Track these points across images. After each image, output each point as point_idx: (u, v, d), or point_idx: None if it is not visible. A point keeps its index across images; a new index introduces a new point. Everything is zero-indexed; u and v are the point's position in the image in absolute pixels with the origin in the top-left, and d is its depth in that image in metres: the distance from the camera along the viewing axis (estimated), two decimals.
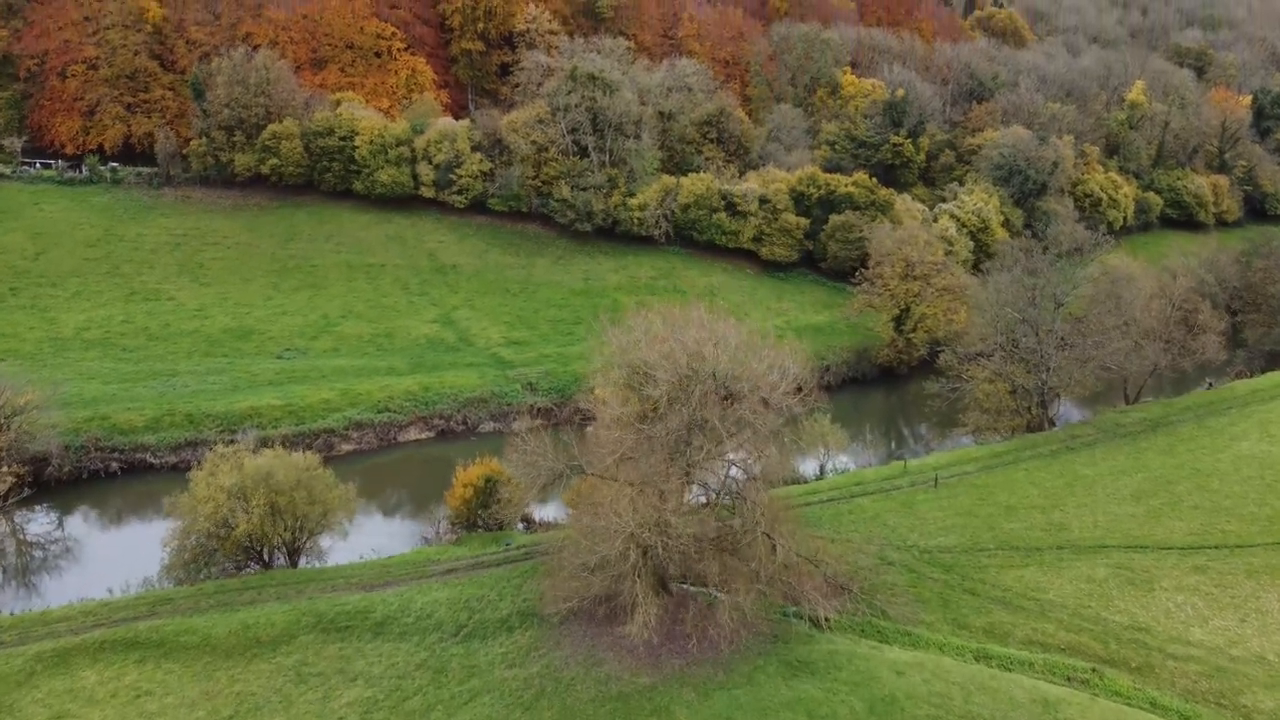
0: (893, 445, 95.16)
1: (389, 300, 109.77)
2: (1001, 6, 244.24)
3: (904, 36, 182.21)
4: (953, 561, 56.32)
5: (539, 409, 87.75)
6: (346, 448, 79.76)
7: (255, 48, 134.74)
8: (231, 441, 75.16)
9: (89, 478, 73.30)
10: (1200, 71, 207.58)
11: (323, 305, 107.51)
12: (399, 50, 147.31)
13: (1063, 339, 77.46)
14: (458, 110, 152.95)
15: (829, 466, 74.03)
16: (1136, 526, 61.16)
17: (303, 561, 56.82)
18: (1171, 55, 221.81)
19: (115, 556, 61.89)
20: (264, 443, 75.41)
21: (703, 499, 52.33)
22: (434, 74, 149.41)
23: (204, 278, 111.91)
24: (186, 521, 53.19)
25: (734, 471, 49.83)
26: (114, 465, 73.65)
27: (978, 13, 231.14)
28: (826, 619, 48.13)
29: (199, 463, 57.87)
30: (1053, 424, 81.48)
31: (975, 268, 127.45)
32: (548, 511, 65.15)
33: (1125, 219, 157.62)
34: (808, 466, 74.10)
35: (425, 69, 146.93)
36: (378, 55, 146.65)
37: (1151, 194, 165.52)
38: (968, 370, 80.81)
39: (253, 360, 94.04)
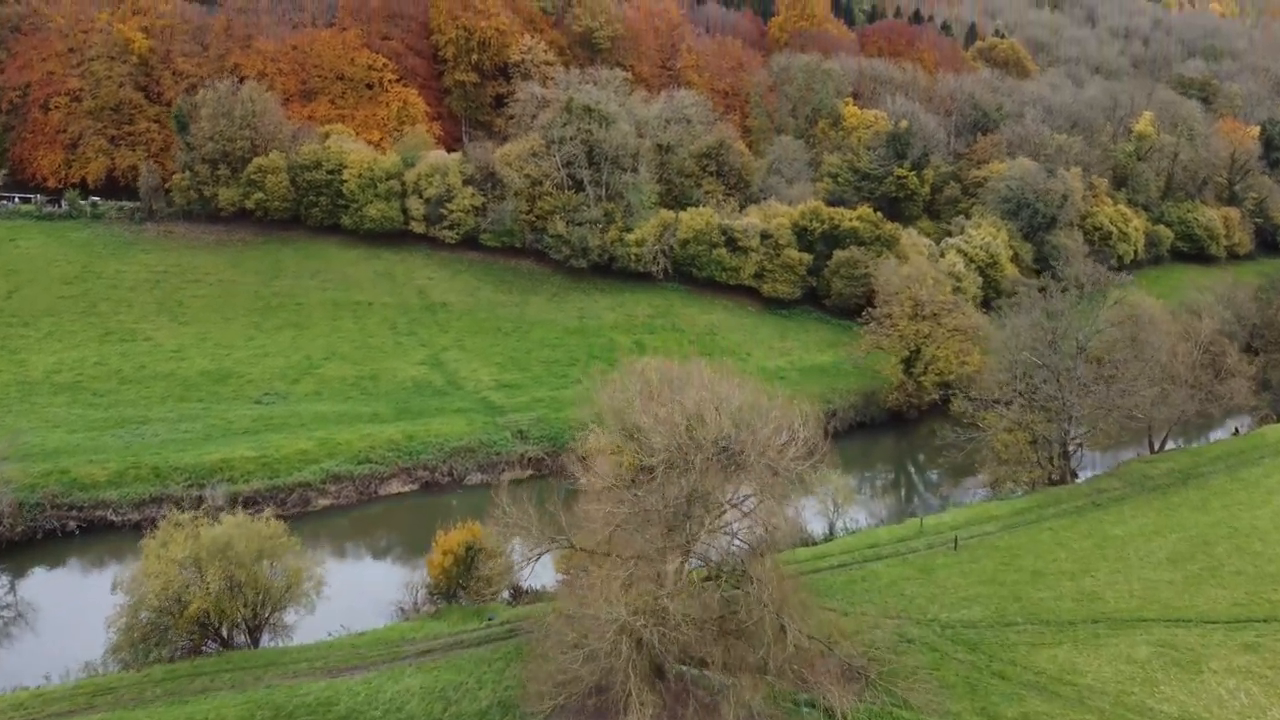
0: (904, 494, 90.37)
1: (375, 340, 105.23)
2: (1003, 37, 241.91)
3: (906, 67, 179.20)
4: (978, 638, 51.30)
5: (529, 459, 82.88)
6: (323, 503, 74.80)
7: (243, 79, 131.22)
8: (199, 498, 70.84)
9: (44, 537, 68.28)
10: (1206, 102, 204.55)
11: (306, 346, 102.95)
12: (390, 82, 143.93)
13: (1086, 386, 72.81)
14: (451, 143, 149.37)
15: (839, 525, 69.15)
16: (1176, 596, 56.22)
17: (265, 639, 51.77)
18: (1175, 86, 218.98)
19: (70, 625, 56.87)
20: (233, 499, 70.95)
21: (702, 567, 47.53)
22: (426, 106, 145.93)
23: (183, 317, 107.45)
24: (135, 598, 48.27)
25: (738, 544, 45.02)
26: (72, 524, 68.67)
27: (979, 43, 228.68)
28: (843, 713, 43.11)
29: (153, 526, 52.91)
30: (1075, 476, 76.68)
31: (985, 304, 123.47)
32: (537, 577, 60.06)
33: (1136, 252, 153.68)
34: (816, 524, 69.20)
35: (417, 101, 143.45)
36: (369, 87, 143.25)
37: (1162, 227, 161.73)
38: (984, 418, 76.04)
39: (230, 406, 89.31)
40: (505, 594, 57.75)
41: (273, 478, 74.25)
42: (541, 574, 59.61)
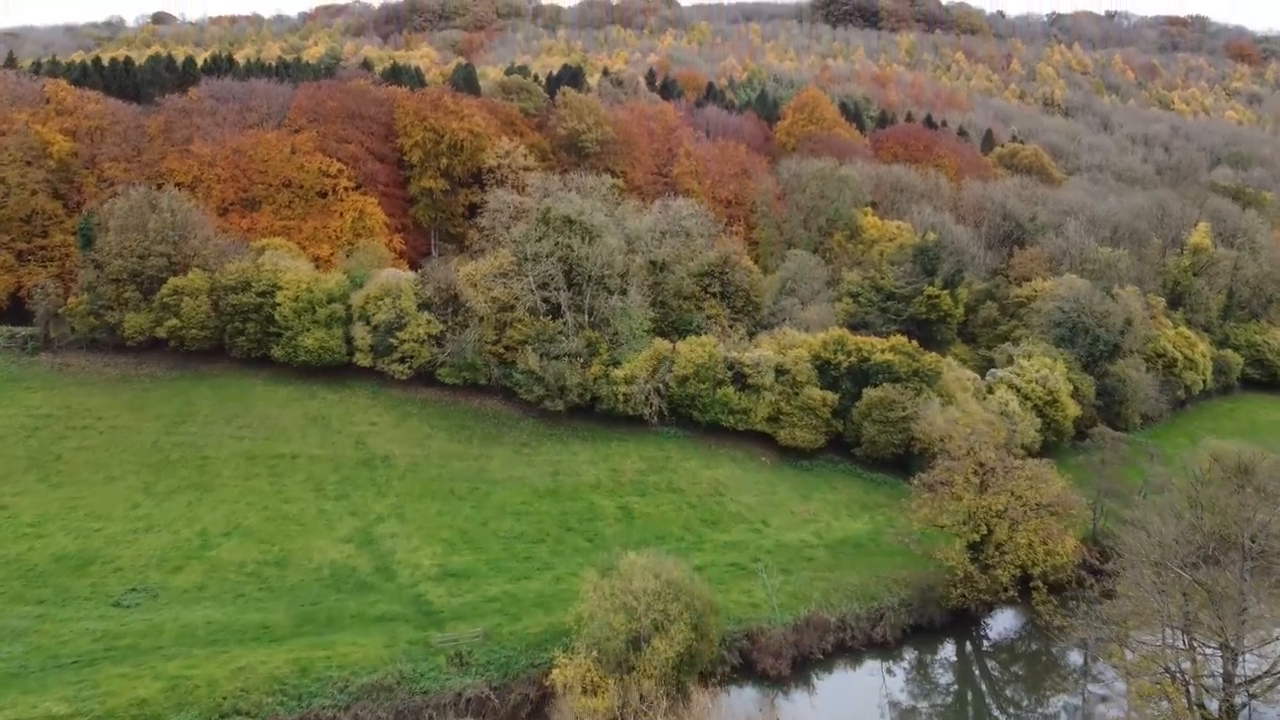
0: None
1: (293, 508, 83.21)
2: (1021, 143, 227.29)
3: (929, 173, 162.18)
4: None
5: (470, 699, 59.78)
6: None
7: (162, 186, 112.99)
8: None
9: None
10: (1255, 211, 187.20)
11: (204, 516, 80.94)
12: (346, 189, 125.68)
13: (1260, 613, 50.69)
14: (417, 257, 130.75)
15: None
16: None
17: None
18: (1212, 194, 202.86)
19: None
20: None
21: None
22: (387, 216, 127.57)
23: (56, 477, 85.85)
24: None
25: None
26: None
27: (999, 149, 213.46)
28: None
29: None
30: None
31: (1044, 450, 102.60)
32: None
33: (1205, 382, 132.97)
34: None
35: (375, 210, 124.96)
36: (321, 195, 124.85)
37: (1229, 351, 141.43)
38: (1110, 654, 53.55)
39: (76, 611, 66.88)
40: None
41: None
42: None
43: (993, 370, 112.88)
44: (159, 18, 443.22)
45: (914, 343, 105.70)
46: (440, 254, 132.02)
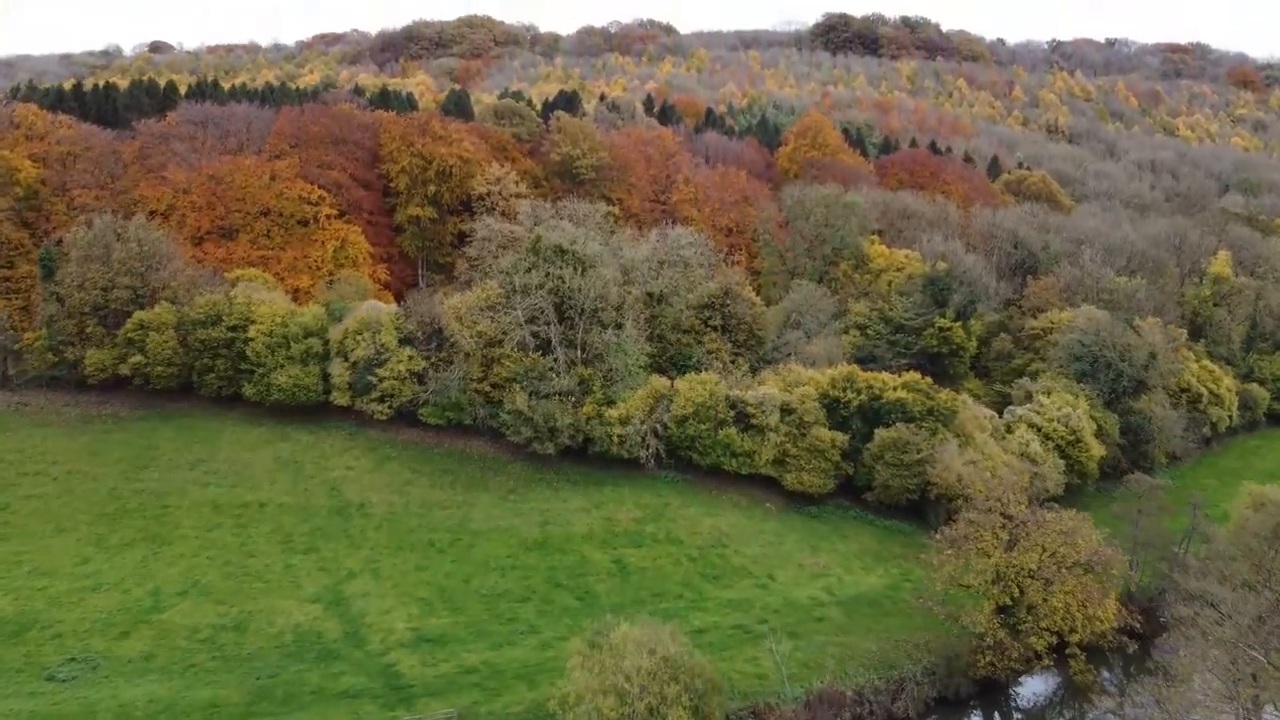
0: None
1: (258, 562, 76.45)
2: (1027, 169, 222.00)
3: (936, 200, 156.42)
4: None
5: None
6: None
7: (136, 215, 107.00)
8: None
9: None
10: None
11: (159, 572, 74.18)
12: (328, 217, 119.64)
13: None
14: (404, 288, 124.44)
15: None
16: None
17: None
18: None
19: None
20: None
21: None
22: (372, 245, 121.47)
23: (1, 529, 79.12)
24: None
25: None
26: None
27: (1006, 176, 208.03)
28: None
29: None
30: None
31: (1067, 493, 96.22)
32: None
33: (1231, 418, 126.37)
34: None
35: (359, 239, 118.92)
36: (302, 224, 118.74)
37: (1255, 385, 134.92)
38: None
39: (5, 686, 60.00)
40: None
41: None
42: None
43: (1010, 408, 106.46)
44: (155, 46, 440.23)
45: (927, 379, 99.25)
46: (427, 285, 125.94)
